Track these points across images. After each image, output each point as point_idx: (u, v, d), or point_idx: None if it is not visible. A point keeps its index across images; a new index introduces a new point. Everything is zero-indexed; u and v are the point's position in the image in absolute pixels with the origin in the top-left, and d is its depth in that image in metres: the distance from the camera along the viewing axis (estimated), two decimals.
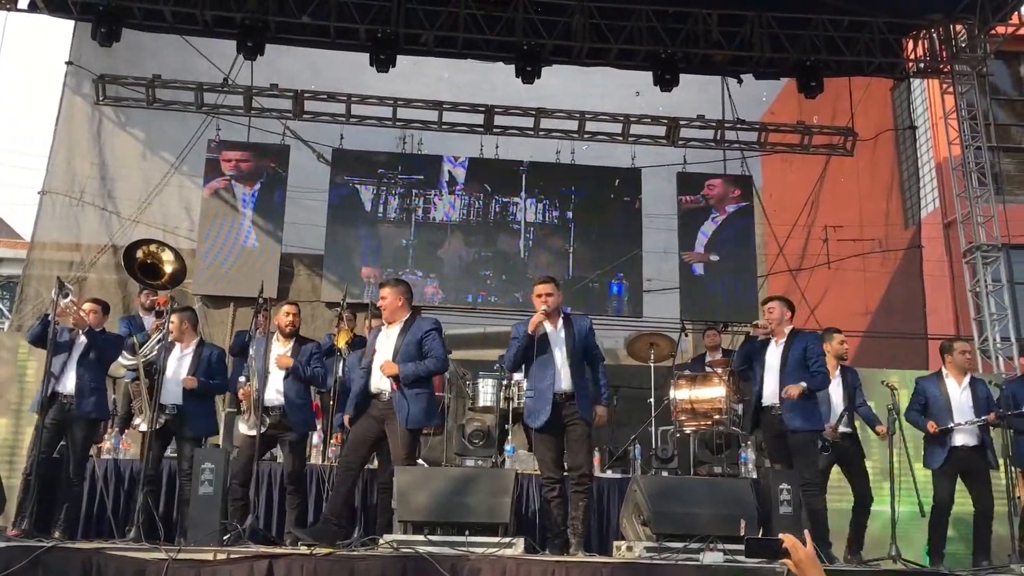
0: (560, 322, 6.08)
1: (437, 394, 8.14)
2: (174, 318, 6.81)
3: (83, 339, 6.51)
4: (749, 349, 6.81)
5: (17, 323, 10.94)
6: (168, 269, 8.26)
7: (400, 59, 10.74)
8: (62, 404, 6.40)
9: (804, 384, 6.26)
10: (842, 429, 6.82)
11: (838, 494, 7.11)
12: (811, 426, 6.33)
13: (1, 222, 22.20)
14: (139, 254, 8.20)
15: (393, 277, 6.65)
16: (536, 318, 5.93)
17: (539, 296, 6.02)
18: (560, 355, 5.95)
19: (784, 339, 6.54)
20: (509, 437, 7.99)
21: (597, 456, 7.60)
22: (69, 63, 11.37)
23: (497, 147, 11.89)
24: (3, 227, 21.93)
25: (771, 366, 6.51)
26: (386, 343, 6.12)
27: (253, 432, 6.44)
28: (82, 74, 11.35)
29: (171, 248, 8.72)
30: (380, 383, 6.02)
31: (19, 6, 10.71)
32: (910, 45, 11.60)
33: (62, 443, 6.50)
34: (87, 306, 6.69)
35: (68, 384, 6.43)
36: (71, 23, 11.13)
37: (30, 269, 11.21)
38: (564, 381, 5.90)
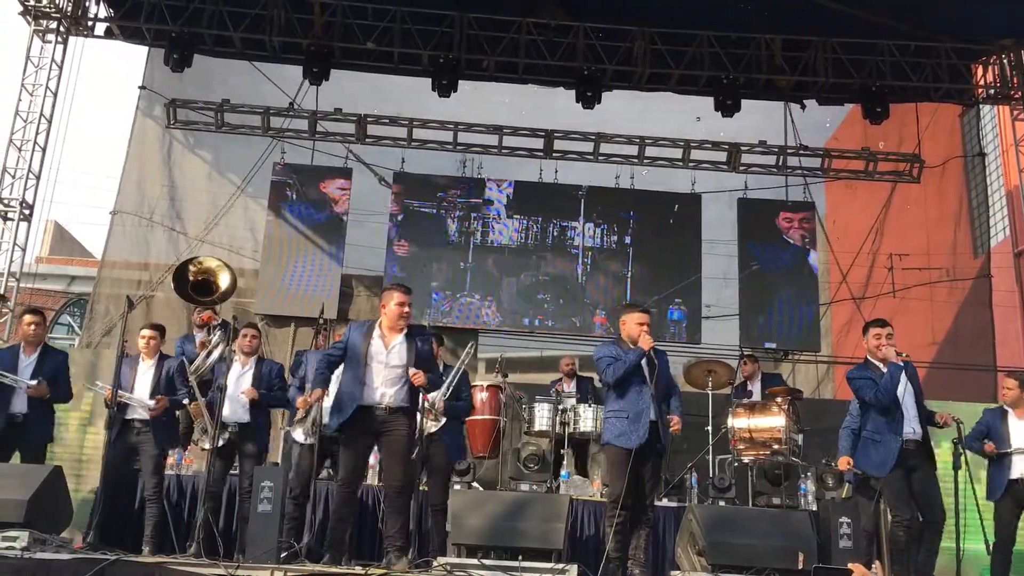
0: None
1: (492, 417, 8.21)
2: (253, 331, 7.00)
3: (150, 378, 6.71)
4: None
5: (87, 340, 11.25)
6: (222, 283, 7.99)
7: (461, 84, 10.88)
8: (135, 429, 6.61)
9: None
10: None
11: None
12: None
13: (74, 241, 22.88)
14: (190, 275, 8.05)
15: (400, 283, 6.26)
16: (648, 341, 5.90)
17: (640, 324, 5.98)
18: (649, 385, 5.93)
19: None
20: (564, 462, 7.95)
21: None
22: (142, 88, 11.75)
23: (556, 171, 11.94)
24: (76, 246, 22.59)
25: None
26: (389, 351, 5.73)
27: (307, 440, 6.50)
28: (154, 98, 11.72)
29: (217, 259, 8.52)
30: (379, 395, 5.65)
31: (96, 33, 11.13)
32: (979, 70, 11.39)
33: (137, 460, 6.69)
34: (146, 333, 6.85)
35: (140, 414, 6.63)
36: (144, 49, 11.52)
37: (100, 287, 11.54)
38: (652, 410, 5.88)
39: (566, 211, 11.89)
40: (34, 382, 6.55)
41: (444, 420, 6.64)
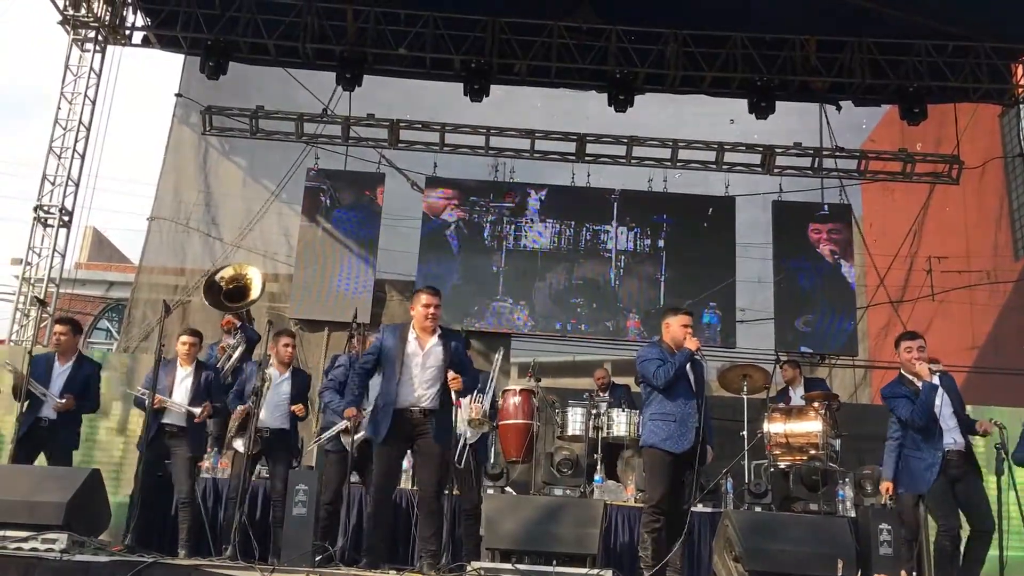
0: None
1: (526, 422, 8.18)
2: (291, 339, 7.07)
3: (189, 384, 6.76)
4: None
5: (125, 344, 11.39)
6: (254, 285, 7.95)
7: (493, 88, 10.89)
8: (168, 433, 6.67)
9: None
10: None
11: None
12: None
13: (112, 247, 23.18)
14: (222, 283, 8.05)
15: (430, 285, 6.11)
16: (695, 342, 5.85)
17: (685, 326, 5.93)
18: (694, 389, 5.88)
19: None
20: (598, 467, 7.91)
21: None
22: (178, 95, 11.89)
23: (589, 175, 11.90)
24: (114, 252, 22.89)
25: None
26: (425, 353, 5.73)
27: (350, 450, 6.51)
28: (190, 106, 11.85)
29: (237, 264, 8.54)
30: (416, 396, 5.66)
31: (133, 41, 11.29)
32: (1019, 70, 11.20)
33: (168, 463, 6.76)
34: (187, 339, 6.91)
35: (175, 419, 6.70)
36: (181, 57, 11.67)
37: (138, 292, 11.69)
38: (697, 416, 5.82)
39: (599, 215, 11.84)
40: (63, 401, 6.62)
41: (486, 428, 6.65)
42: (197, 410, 6.66)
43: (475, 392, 6.60)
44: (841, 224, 11.82)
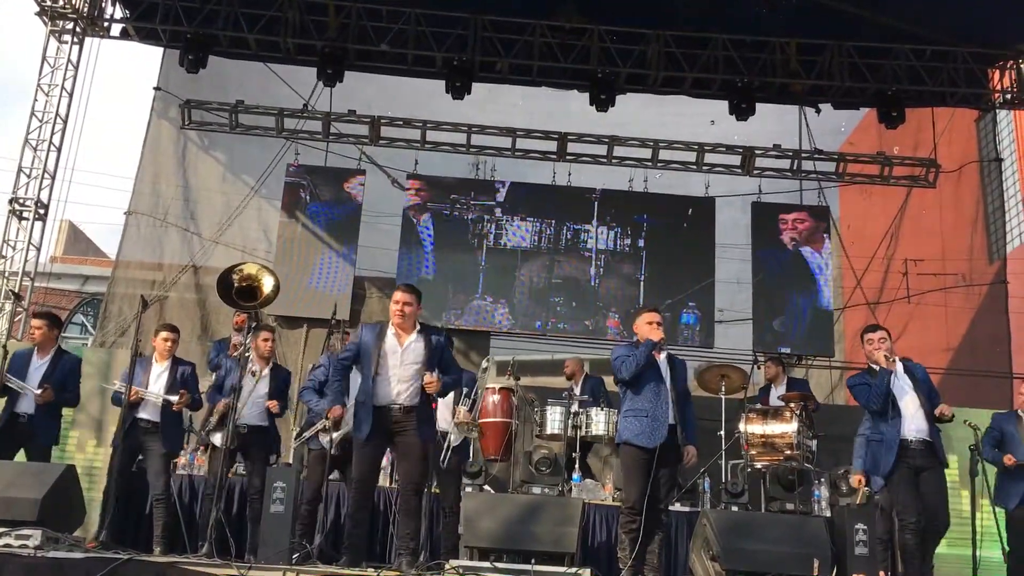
0: (664, 355, 6.06)
1: (504, 420, 8.18)
2: (271, 334, 7.00)
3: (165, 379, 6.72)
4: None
5: (100, 339, 11.28)
6: (266, 289, 7.99)
7: (475, 86, 10.87)
8: (143, 428, 6.62)
9: None
10: None
11: None
12: None
13: (88, 241, 22.97)
14: (235, 279, 8.05)
15: (405, 283, 6.16)
16: (658, 333, 5.92)
17: (650, 323, 5.99)
18: (667, 387, 5.91)
19: None
20: (576, 465, 7.92)
21: None
22: (157, 89, 11.77)
23: (570, 174, 11.92)
24: (90, 246, 22.68)
25: None
26: (404, 349, 5.73)
27: (332, 450, 6.48)
28: (169, 99, 11.73)
29: (259, 264, 8.55)
30: (394, 393, 5.66)
31: (111, 33, 11.17)
32: (996, 75, 11.31)
33: (140, 459, 6.70)
34: (167, 335, 6.86)
35: (150, 414, 6.65)
36: (160, 50, 11.55)
37: (114, 287, 11.57)
38: (672, 413, 5.85)
39: (579, 214, 11.86)
40: (39, 391, 6.57)
41: (475, 433, 6.64)
42: (174, 398, 6.61)
43: (462, 395, 6.60)
44: (807, 214, 11.90)
